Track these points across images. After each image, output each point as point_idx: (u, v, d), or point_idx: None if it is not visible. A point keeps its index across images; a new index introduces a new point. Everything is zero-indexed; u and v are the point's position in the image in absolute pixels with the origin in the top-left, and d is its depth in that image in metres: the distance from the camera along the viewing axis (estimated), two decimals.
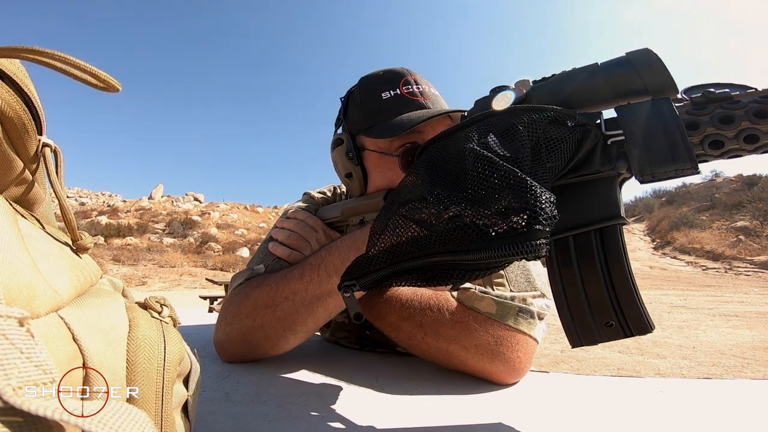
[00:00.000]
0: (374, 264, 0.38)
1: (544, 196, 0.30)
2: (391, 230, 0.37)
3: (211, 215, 26.39)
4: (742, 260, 13.60)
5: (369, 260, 0.38)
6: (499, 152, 0.34)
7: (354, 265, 0.39)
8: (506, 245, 0.30)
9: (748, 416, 0.50)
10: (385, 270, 0.37)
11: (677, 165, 0.33)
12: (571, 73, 0.41)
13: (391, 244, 0.37)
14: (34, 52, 0.23)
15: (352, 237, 0.63)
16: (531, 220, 0.29)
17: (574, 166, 0.38)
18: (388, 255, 0.37)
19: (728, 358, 3.77)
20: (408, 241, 0.35)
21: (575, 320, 0.41)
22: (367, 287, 0.39)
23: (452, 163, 0.37)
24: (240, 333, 0.64)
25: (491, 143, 0.35)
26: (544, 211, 0.29)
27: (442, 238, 0.33)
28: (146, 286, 12.68)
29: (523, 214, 0.30)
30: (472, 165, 0.34)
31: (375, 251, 0.38)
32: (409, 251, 0.35)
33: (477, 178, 0.33)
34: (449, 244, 0.33)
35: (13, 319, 0.15)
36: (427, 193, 0.36)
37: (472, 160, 0.34)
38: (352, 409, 0.50)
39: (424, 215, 0.35)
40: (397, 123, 0.66)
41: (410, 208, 0.37)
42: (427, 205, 0.35)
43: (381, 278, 0.38)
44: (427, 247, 0.34)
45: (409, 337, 0.65)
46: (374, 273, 0.38)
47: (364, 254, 0.39)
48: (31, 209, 0.28)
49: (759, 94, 0.34)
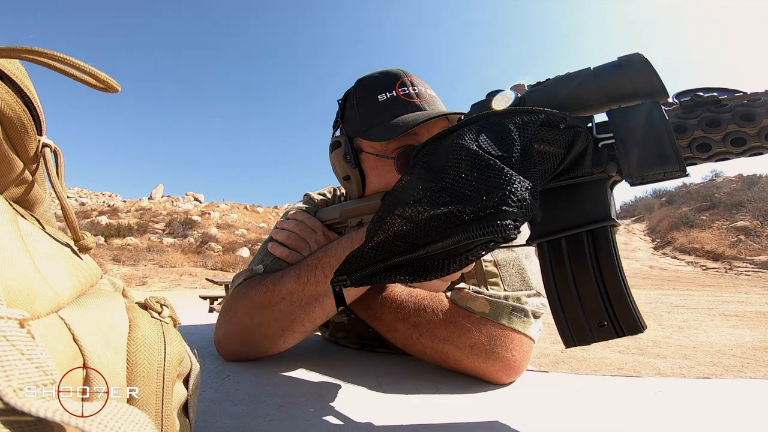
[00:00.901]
0: (365, 259, 0.38)
1: (518, 182, 0.31)
2: (382, 227, 0.38)
3: (211, 215, 26.38)
4: (743, 260, 13.58)
5: (360, 255, 0.38)
6: (490, 150, 0.35)
7: (346, 260, 0.40)
8: (475, 227, 0.30)
9: (748, 416, 0.49)
10: (375, 266, 0.37)
11: (665, 167, 0.34)
12: (565, 77, 0.41)
13: (380, 240, 0.37)
14: (34, 52, 0.23)
15: (349, 238, 0.63)
16: (500, 201, 0.30)
17: (565, 168, 0.38)
18: (378, 250, 0.37)
19: (728, 358, 3.77)
20: (395, 236, 0.36)
21: (568, 321, 0.41)
22: (357, 283, 0.39)
23: (441, 160, 0.38)
24: (239, 332, 0.65)
25: (482, 142, 0.36)
26: (514, 194, 0.30)
27: (422, 229, 0.34)
28: (146, 286, 12.68)
29: (494, 197, 0.31)
30: (455, 157, 0.35)
31: (367, 246, 0.38)
32: (397, 246, 0.36)
33: (456, 168, 0.34)
34: (429, 234, 0.33)
35: (14, 320, 0.15)
36: (417, 191, 0.37)
37: (456, 153, 0.35)
38: (352, 409, 0.50)
39: (410, 211, 0.36)
40: (393, 126, 0.66)
41: (402, 206, 0.37)
42: (415, 201, 0.36)
43: (372, 274, 0.38)
44: (412, 239, 0.35)
45: (404, 338, 0.65)
46: (365, 269, 0.38)
47: (358, 249, 0.39)
48: (31, 209, 0.28)
49: (746, 98, 0.35)
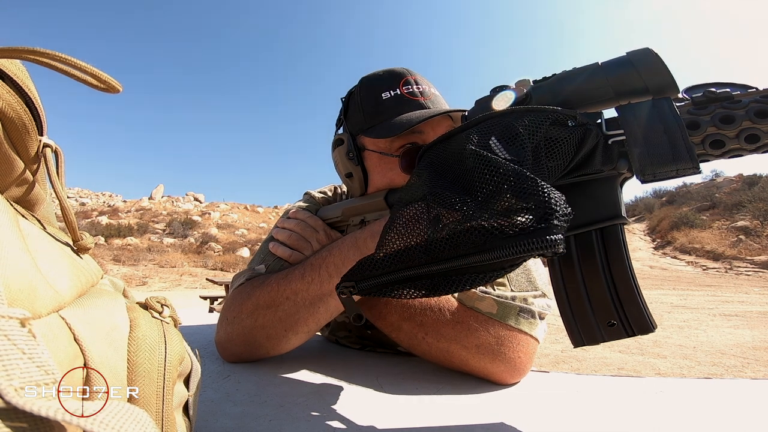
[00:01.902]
0: (378, 268, 0.36)
1: (555, 194, 0.29)
2: (399, 234, 0.36)
3: (211, 215, 26.40)
4: (743, 260, 13.58)
5: (373, 263, 0.37)
6: (501, 155, 0.34)
7: (356, 266, 0.38)
8: (524, 241, 0.29)
9: (748, 416, 0.50)
10: (387, 276, 0.36)
11: (678, 165, 0.33)
12: (571, 72, 0.41)
13: (398, 249, 0.36)
14: (36, 53, 0.23)
15: (353, 237, 0.63)
16: (547, 215, 0.28)
17: (575, 165, 0.38)
18: (394, 260, 0.35)
19: (729, 358, 3.76)
20: (415, 246, 0.34)
21: (577, 320, 0.41)
22: (365, 292, 0.38)
23: (454, 166, 0.37)
24: (241, 333, 0.65)
25: (492, 146, 0.35)
26: (560, 207, 0.29)
27: (452, 242, 0.32)
28: (146, 286, 12.69)
29: (534, 212, 0.29)
30: (473, 166, 0.34)
31: (381, 254, 0.37)
32: (416, 257, 0.34)
33: (482, 179, 0.32)
34: (461, 247, 0.32)
35: (15, 320, 0.15)
36: (431, 196, 0.35)
37: (473, 161, 0.34)
38: (353, 409, 0.50)
39: (431, 220, 0.34)
40: (397, 123, 0.66)
41: (417, 212, 0.36)
42: (432, 208, 0.35)
43: (382, 284, 0.37)
44: (437, 252, 0.33)
45: (410, 337, 0.65)
46: (376, 278, 0.37)
47: (370, 256, 0.37)
48: (32, 210, 0.28)
49: (760, 94, 0.34)
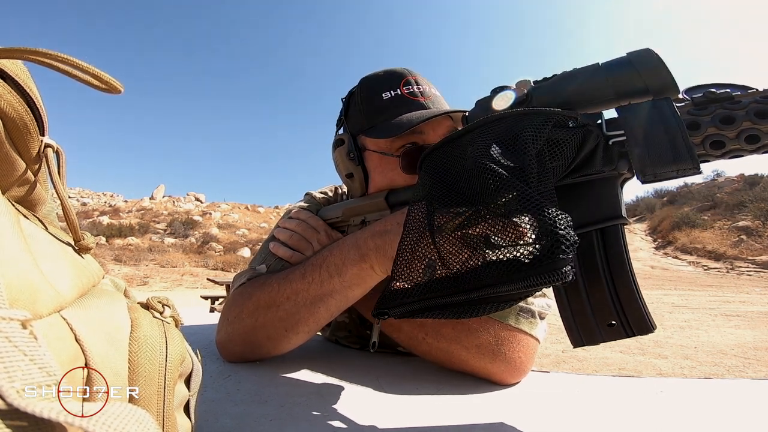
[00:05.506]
0: (409, 297, 0.39)
1: (563, 219, 0.31)
2: (422, 261, 0.39)
3: (212, 215, 26.42)
4: (744, 260, 13.55)
5: (404, 294, 0.40)
6: (505, 163, 0.34)
7: (390, 296, 0.41)
8: (535, 275, 0.31)
9: (749, 416, 0.49)
10: (418, 303, 0.39)
11: (679, 165, 0.33)
12: (572, 73, 0.41)
13: (425, 280, 0.38)
14: (37, 53, 0.23)
15: (354, 237, 0.63)
16: (554, 248, 0.30)
17: (576, 166, 0.38)
18: (424, 290, 0.38)
19: (730, 358, 3.76)
20: (444, 279, 0.37)
21: (577, 320, 0.41)
22: (399, 317, 0.42)
23: (461, 178, 0.38)
24: (242, 333, 0.65)
25: (495, 154, 0.35)
26: (566, 238, 0.30)
27: (476, 273, 0.35)
28: (147, 286, 12.70)
29: (543, 241, 0.31)
30: (482, 182, 0.35)
31: (409, 284, 0.40)
32: (446, 287, 0.37)
33: (491, 198, 0.34)
34: (485, 279, 0.34)
35: (16, 321, 0.15)
36: (443, 214, 0.37)
37: (482, 173, 0.35)
38: (353, 409, 0.50)
39: (454, 247, 0.37)
40: (398, 123, 0.66)
41: (420, 215, 0.39)
42: (448, 230, 0.37)
43: (413, 311, 0.40)
44: (463, 283, 0.35)
45: (410, 337, 0.65)
46: (407, 305, 0.40)
47: (399, 287, 0.41)
48: (33, 210, 0.28)
49: (760, 95, 0.34)
